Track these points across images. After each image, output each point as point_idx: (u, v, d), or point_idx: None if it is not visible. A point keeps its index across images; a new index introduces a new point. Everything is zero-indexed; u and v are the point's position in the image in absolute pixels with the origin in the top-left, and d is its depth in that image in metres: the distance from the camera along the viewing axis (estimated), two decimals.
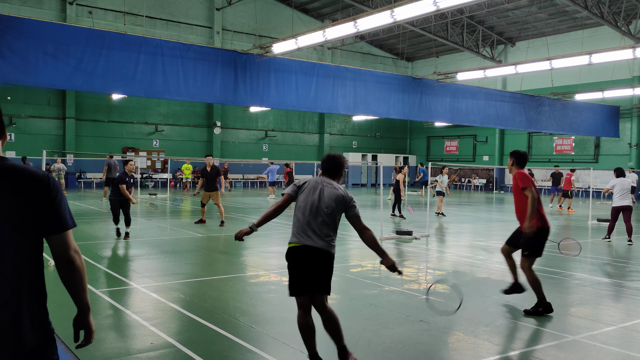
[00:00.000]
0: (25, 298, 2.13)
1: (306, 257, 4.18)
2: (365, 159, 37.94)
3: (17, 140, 26.26)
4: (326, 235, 4.22)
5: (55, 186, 2.18)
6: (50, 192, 2.16)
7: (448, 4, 13.01)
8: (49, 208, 2.15)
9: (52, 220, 2.17)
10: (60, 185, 2.26)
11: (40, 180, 2.14)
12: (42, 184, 2.14)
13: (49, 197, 2.15)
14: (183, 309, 5.99)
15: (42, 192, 2.13)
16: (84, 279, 2.29)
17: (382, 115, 22.13)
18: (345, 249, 10.85)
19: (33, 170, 2.16)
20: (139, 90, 15.96)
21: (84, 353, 4.52)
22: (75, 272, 2.24)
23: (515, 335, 5.30)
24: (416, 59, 38.97)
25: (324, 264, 4.23)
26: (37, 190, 2.12)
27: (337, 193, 4.27)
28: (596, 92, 26.37)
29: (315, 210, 4.21)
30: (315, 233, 4.18)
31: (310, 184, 4.36)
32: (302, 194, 4.32)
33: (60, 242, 2.20)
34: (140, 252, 10.17)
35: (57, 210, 2.18)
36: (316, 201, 4.24)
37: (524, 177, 6.25)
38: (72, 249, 2.23)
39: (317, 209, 4.22)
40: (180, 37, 28.63)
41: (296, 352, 4.76)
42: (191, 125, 31.94)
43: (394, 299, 6.64)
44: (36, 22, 14.10)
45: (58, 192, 2.19)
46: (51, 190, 2.16)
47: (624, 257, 10.36)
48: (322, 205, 4.23)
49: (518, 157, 6.48)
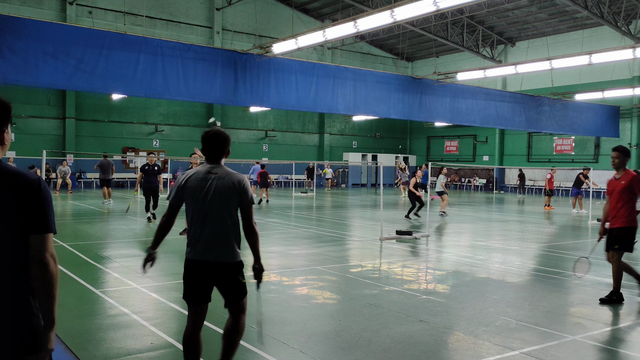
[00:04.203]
0: (19, 294, 2.17)
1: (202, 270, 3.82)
2: (365, 159, 37.94)
3: (17, 140, 26.25)
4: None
5: (45, 189, 2.24)
6: (39, 194, 2.22)
7: (448, 4, 13.00)
8: (36, 208, 2.20)
9: (36, 220, 2.21)
10: (49, 191, 2.29)
11: (32, 182, 2.22)
12: (33, 186, 2.21)
13: (38, 198, 2.21)
14: (183, 309, 5.99)
15: (31, 193, 2.20)
16: (54, 288, 2.23)
17: (382, 115, 22.12)
18: (345, 249, 10.85)
19: (26, 173, 2.24)
20: (139, 90, 15.95)
21: (84, 353, 4.53)
22: (47, 277, 2.20)
23: (515, 335, 5.30)
24: (416, 59, 38.96)
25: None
26: (28, 191, 2.19)
27: (226, 183, 3.73)
28: (596, 92, 26.37)
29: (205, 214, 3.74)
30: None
31: (191, 182, 3.77)
32: (188, 197, 3.78)
33: (39, 242, 2.21)
34: (140, 252, 10.17)
35: (43, 211, 2.22)
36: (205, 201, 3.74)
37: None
38: (49, 253, 2.23)
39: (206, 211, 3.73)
40: (180, 37, 28.63)
41: (296, 352, 4.76)
42: (191, 125, 31.94)
43: (394, 299, 6.64)
44: (36, 22, 14.09)
45: (47, 196, 2.25)
46: (41, 193, 2.22)
47: (624, 257, 10.33)
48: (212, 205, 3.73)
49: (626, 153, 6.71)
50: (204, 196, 3.70)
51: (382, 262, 9.57)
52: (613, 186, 6.67)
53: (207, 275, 3.76)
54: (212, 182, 3.71)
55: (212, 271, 3.75)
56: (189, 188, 3.74)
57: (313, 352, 4.76)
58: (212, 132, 3.80)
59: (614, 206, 6.60)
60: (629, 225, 6.50)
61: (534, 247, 11.68)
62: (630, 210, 6.52)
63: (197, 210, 3.73)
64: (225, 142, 3.82)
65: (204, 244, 3.73)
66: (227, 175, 3.73)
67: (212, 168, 3.77)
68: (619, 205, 6.55)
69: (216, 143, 3.78)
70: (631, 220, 6.50)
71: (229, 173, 3.76)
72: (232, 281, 3.81)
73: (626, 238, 6.51)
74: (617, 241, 6.54)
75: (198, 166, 3.91)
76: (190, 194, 3.73)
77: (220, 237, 3.72)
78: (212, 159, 3.81)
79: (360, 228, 14.70)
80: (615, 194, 6.59)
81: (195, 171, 3.80)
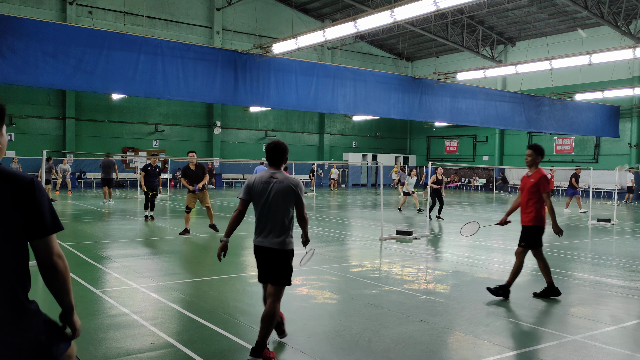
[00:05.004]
0: (18, 294, 2.18)
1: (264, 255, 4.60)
2: (365, 159, 37.94)
3: (17, 140, 26.25)
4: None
5: (40, 190, 2.21)
6: (35, 197, 2.18)
7: (448, 4, 13.01)
8: (32, 211, 2.17)
9: (36, 224, 2.19)
10: (44, 191, 2.27)
11: (26, 184, 2.17)
12: (28, 188, 2.17)
13: (34, 200, 2.18)
14: (183, 309, 5.99)
15: (26, 195, 2.16)
16: (67, 282, 2.28)
17: (382, 115, 22.12)
18: (345, 249, 10.85)
19: (19, 174, 2.20)
20: (139, 90, 15.95)
21: (84, 353, 4.52)
22: (59, 277, 2.25)
23: (515, 335, 5.30)
24: (416, 59, 38.97)
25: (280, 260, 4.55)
26: (22, 193, 2.16)
27: (283, 187, 4.52)
28: (596, 92, 26.37)
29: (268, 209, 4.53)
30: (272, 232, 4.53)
31: (256, 185, 4.58)
32: (255, 197, 4.60)
33: (43, 246, 2.21)
34: (140, 252, 10.18)
35: (40, 214, 2.19)
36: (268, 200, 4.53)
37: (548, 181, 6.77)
38: (55, 254, 2.23)
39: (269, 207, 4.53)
40: (180, 37, 28.63)
41: (296, 352, 4.76)
42: (191, 125, 31.94)
43: (394, 299, 6.64)
44: (36, 22, 14.09)
45: (43, 197, 2.22)
46: (36, 195, 2.19)
47: (624, 256, 10.36)
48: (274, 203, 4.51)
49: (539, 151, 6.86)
50: (267, 196, 4.52)
51: (382, 262, 9.57)
52: (524, 183, 6.88)
53: (263, 258, 4.59)
54: (273, 185, 4.52)
55: (267, 255, 4.55)
56: (255, 189, 4.57)
57: (313, 352, 4.76)
58: (274, 144, 4.63)
59: (525, 203, 6.80)
60: (536, 224, 6.71)
61: None
62: (538, 209, 6.72)
63: (261, 207, 4.56)
64: (283, 152, 4.63)
65: (264, 233, 4.55)
66: (285, 179, 4.53)
67: (274, 173, 4.56)
68: (529, 203, 6.74)
69: (276, 153, 4.59)
70: (538, 219, 6.70)
71: (287, 177, 4.55)
72: (280, 265, 4.53)
73: (532, 237, 6.76)
74: (524, 239, 6.80)
75: (263, 171, 4.68)
76: (257, 194, 4.56)
77: (276, 229, 4.51)
78: (274, 165, 4.62)
79: (360, 228, 14.70)
80: (526, 191, 6.79)
81: (260, 175, 4.61)
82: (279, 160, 4.60)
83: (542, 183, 6.64)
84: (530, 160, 6.81)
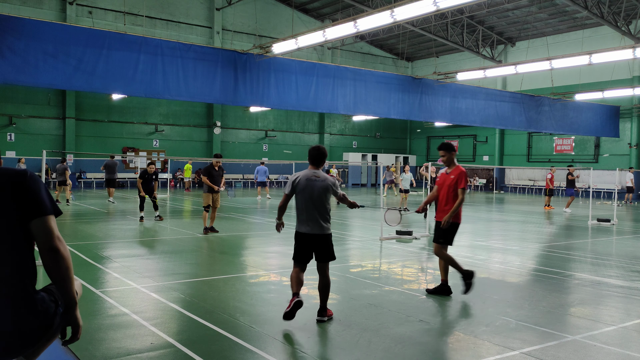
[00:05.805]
0: (21, 281, 2.21)
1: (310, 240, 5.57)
2: (365, 159, 37.93)
3: (17, 140, 26.26)
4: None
5: (33, 177, 2.29)
6: (28, 182, 2.26)
7: (448, 4, 13.00)
8: (27, 195, 2.23)
9: (32, 205, 2.23)
10: (38, 178, 2.34)
11: (19, 174, 2.27)
12: (21, 177, 2.26)
13: (27, 185, 2.25)
14: (183, 309, 5.99)
15: (20, 183, 2.24)
16: (70, 269, 2.26)
17: (382, 115, 22.12)
18: (345, 249, 10.85)
19: (14, 168, 2.32)
20: (139, 90, 15.94)
21: (83, 353, 4.52)
22: (61, 262, 2.22)
23: (515, 335, 5.30)
24: (416, 59, 38.97)
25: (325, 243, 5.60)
26: (16, 182, 2.24)
27: (324, 184, 5.51)
28: (596, 92, 26.36)
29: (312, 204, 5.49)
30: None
31: (301, 181, 5.50)
32: (299, 192, 5.52)
33: (42, 227, 2.21)
34: (140, 252, 10.18)
35: (36, 196, 2.25)
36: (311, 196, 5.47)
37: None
38: (56, 237, 2.22)
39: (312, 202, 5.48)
40: (180, 37, 28.63)
41: (296, 352, 4.76)
42: (191, 125, 31.95)
43: (394, 299, 6.64)
44: (36, 22, 14.08)
45: (36, 182, 2.29)
46: (29, 181, 2.26)
47: (624, 257, 10.36)
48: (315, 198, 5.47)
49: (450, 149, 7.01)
50: (310, 192, 5.47)
51: (382, 262, 9.58)
52: (443, 179, 6.99)
53: (307, 242, 5.53)
54: (315, 182, 5.50)
55: (311, 240, 5.51)
56: (299, 185, 5.51)
57: (313, 352, 4.76)
58: (317, 149, 5.65)
59: (443, 199, 6.88)
60: (453, 220, 6.80)
61: (534, 247, 11.68)
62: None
63: (304, 201, 5.48)
64: (324, 156, 5.67)
65: (307, 222, 5.49)
66: (325, 179, 5.54)
67: (315, 173, 5.56)
68: (449, 199, 6.82)
69: (319, 156, 5.63)
70: (455, 216, 6.80)
71: (326, 177, 5.56)
72: (324, 246, 5.57)
73: (449, 233, 6.86)
74: (442, 236, 6.88)
75: (306, 170, 5.62)
76: (300, 190, 5.50)
77: (317, 218, 5.48)
78: (315, 165, 5.61)
79: (360, 228, 14.70)
80: (445, 187, 6.88)
81: (304, 173, 5.56)
82: (320, 161, 5.60)
83: (460, 178, 6.77)
84: (447, 160, 6.94)
